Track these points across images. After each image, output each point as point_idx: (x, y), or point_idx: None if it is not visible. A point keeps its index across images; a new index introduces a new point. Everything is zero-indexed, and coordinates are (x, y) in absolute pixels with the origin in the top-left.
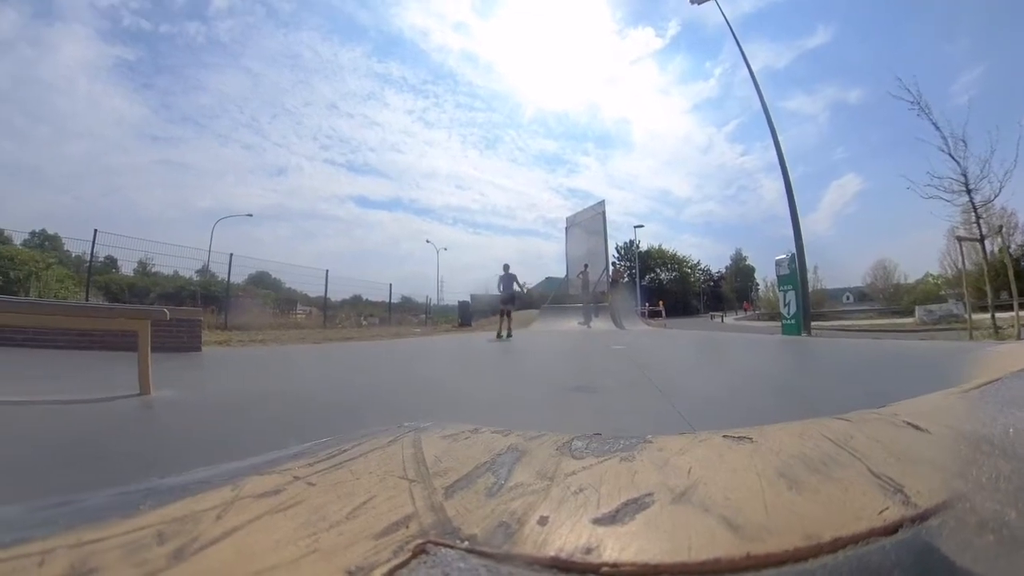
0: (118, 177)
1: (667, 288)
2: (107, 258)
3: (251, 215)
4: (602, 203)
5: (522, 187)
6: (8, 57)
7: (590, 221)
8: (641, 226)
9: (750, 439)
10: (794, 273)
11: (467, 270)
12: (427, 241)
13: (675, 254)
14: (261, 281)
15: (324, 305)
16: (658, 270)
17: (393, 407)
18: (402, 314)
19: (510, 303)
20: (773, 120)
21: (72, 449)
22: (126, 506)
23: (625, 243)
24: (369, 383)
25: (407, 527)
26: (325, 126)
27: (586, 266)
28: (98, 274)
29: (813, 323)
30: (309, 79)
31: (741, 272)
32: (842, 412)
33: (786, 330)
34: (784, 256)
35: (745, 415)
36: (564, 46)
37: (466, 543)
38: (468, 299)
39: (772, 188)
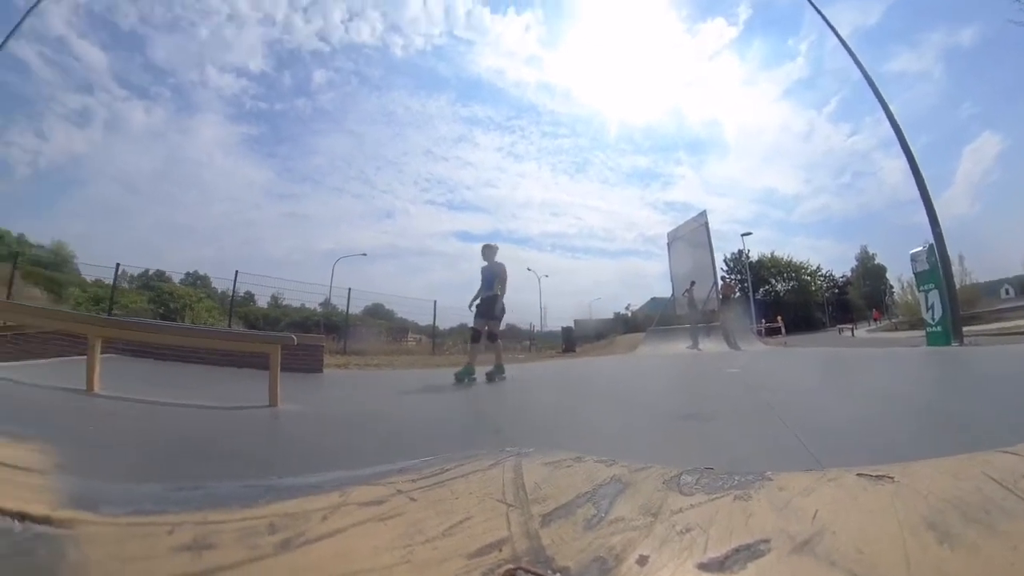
0: (253, 229)
1: (785, 300)
2: (246, 293)
3: (365, 254)
4: (703, 213)
5: (617, 207)
6: (163, 143)
7: (692, 234)
8: (749, 233)
9: (890, 478)
10: (935, 268)
11: (570, 295)
12: (528, 269)
13: (791, 261)
14: (376, 312)
15: (433, 333)
16: (773, 281)
17: (496, 431)
18: (507, 341)
19: (491, 318)
20: (879, 88)
21: (210, 445)
22: (247, 497)
23: (733, 254)
24: (473, 407)
25: (500, 551)
26: (423, 171)
27: (692, 283)
28: (239, 306)
29: (965, 328)
30: (403, 131)
31: (870, 274)
32: (1010, 445)
33: (931, 340)
34: (920, 248)
35: (884, 448)
36: (635, 58)
37: (558, 575)
38: (572, 325)
39: (893, 168)
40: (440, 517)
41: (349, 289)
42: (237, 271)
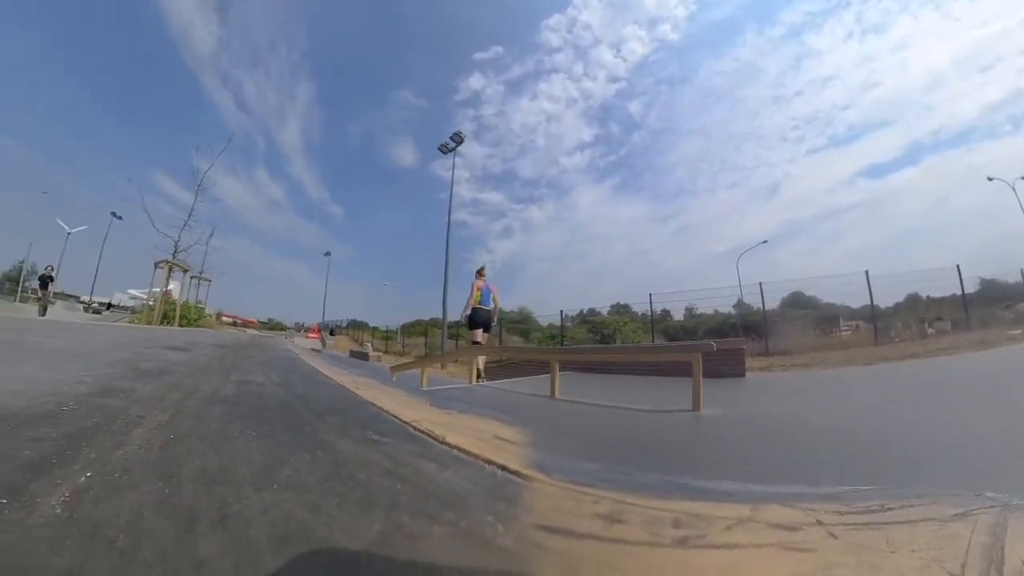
0: (650, 255)
1: None
2: (662, 311)
3: (766, 241)
4: None
5: None
6: (561, 222)
7: None
8: None
9: None
10: None
11: None
12: (989, 179)
13: None
14: (796, 302)
15: (872, 315)
16: None
17: (969, 465)
18: (987, 309)
19: (487, 330)
20: None
21: (638, 441)
22: (662, 490)
23: None
24: (933, 422)
25: None
26: (784, 121)
27: None
28: (658, 323)
29: None
30: (736, 96)
31: None
32: None
33: None
34: None
35: None
36: None
37: None
38: None
39: None
40: (861, 570)
41: (760, 284)
42: (651, 294)
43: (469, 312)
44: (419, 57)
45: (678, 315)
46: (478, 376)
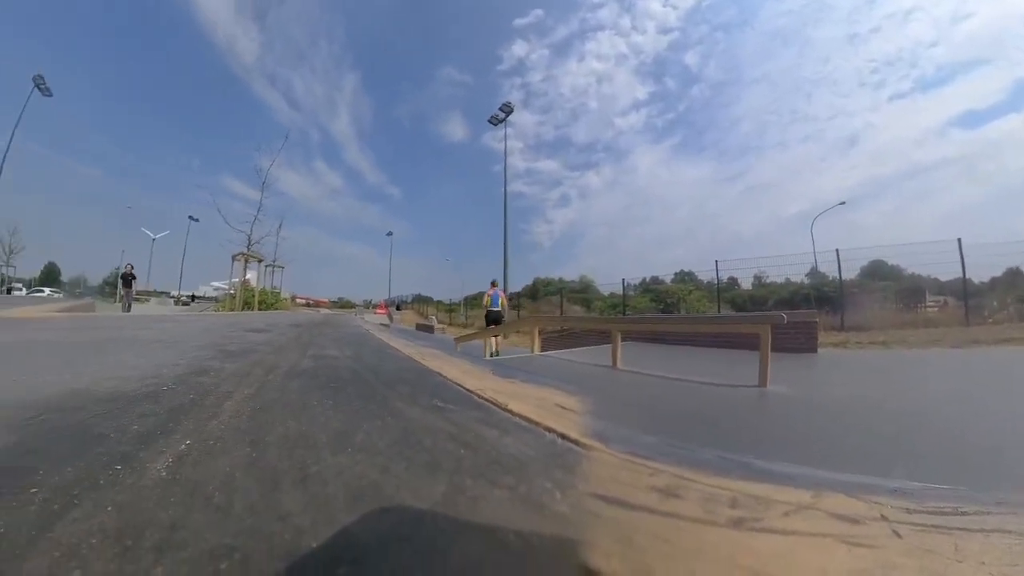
0: (717, 219)
1: None
2: (729, 279)
3: (843, 202)
4: None
5: None
6: (618, 187)
7: None
8: None
9: None
10: None
11: None
12: None
13: None
14: (876, 272)
15: (963, 291)
16: None
17: None
18: None
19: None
20: None
21: (699, 415)
22: (721, 467)
23: None
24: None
25: None
26: (860, 63)
27: None
28: (724, 292)
29: None
30: (805, 38)
31: None
32: None
33: None
34: None
35: None
36: None
37: None
38: None
39: None
40: None
41: (837, 250)
42: (716, 260)
43: (485, 312)
44: (458, 31)
45: (746, 284)
46: (493, 353)
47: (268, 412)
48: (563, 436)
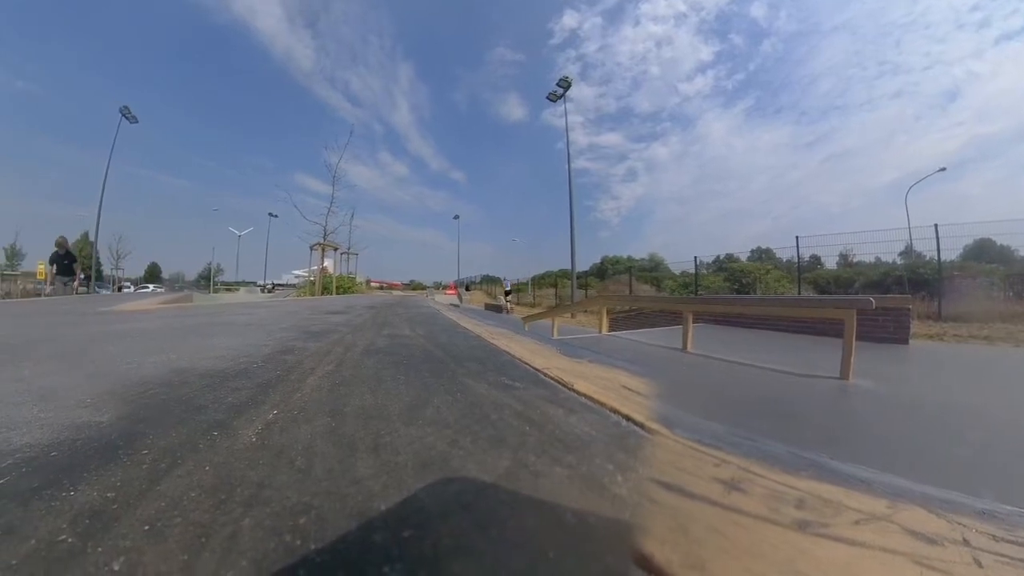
0: (797, 189)
1: None
2: (811, 257)
3: (943, 169)
4: None
5: None
6: (689, 158)
7: None
8: None
9: None
10: None
11: None
12: None
13: None
14: (982, 252)
15: None
16: None
17: None
18: None
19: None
20: None
21: (772, 406)
22: (790, 464)
23: None
24: None
25: None
26: (957, 2)
27: None
28: (806, 271)
29: None
30: None
31: None
32: None
33: None
34: None
35: None
36: None
37: None
38: None
39: None
40: None
41: (935, 226)
42: (797, 236)
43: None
44: (504, 8)
45: (830, 263)
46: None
47: (346, 386)
48: (627, 418)
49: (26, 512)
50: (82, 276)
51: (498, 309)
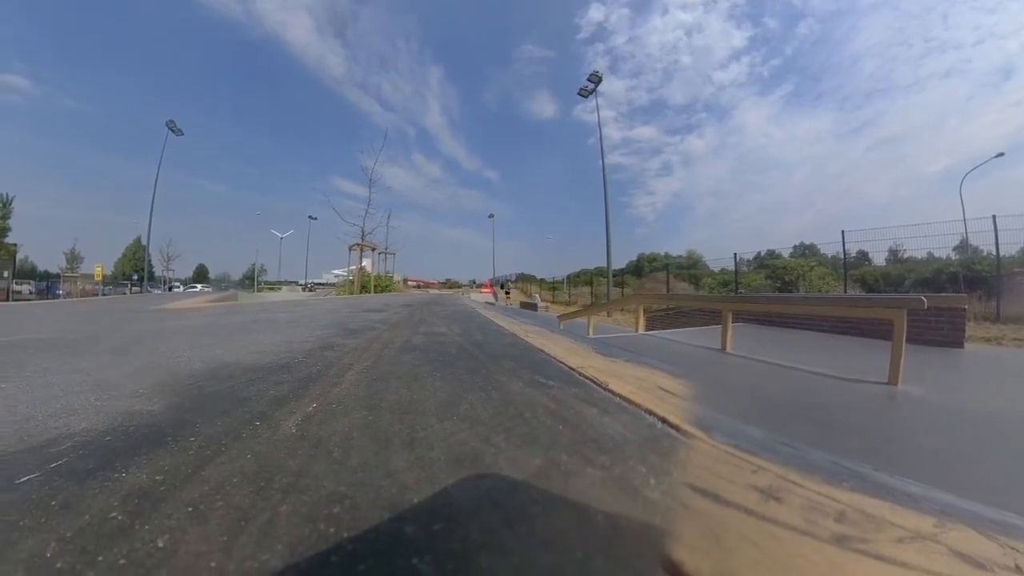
0: (842, 179)
1: None
2: (858, 252)
3: (1001, 154)
4: None
5: None
6: (727, 149)
7: None
8: None
9: None
10: None
11: None
12: None
13: None
14: None
15: None
16: None
17: None
18: None
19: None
20: None
21: (814, 411)
22: (831, 474)
23: None
24: None
25: None
26: None
27: None
28: (853, 268)
29: None
30: None
31: None
32: None
33: None
34: None
35: None
36: None
37: None
38: None
39: None
40: None
41: (993, 218)
42: (843, 231)
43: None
44: (529, 6)
45: (878, 259)
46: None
47: (383, 381)
48: (663, 420)
49: (82, 490)
50: (135, 277)
51: (533, 307)
